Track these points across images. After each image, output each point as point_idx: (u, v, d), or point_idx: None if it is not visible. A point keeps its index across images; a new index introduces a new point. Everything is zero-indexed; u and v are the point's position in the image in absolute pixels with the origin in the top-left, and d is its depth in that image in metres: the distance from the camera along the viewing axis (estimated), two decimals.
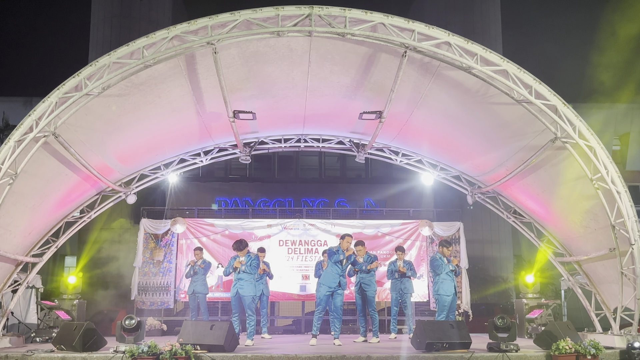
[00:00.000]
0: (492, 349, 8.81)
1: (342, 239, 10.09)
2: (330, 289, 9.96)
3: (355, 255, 10.44)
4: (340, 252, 9.93)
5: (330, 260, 10.03)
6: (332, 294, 10.02)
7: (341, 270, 10.01)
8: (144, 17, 22.57)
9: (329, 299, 10.07)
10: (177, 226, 14.55)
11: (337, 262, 9.93)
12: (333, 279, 9.96)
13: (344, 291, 10.16)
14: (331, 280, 9.97)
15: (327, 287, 9.98)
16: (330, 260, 10.06)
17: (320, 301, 10.10)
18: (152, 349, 7.98)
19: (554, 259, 12.09)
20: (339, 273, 9.98)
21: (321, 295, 10.06)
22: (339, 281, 9.97)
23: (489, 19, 24.08)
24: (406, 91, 10.01)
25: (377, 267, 11.21)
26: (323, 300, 10.04)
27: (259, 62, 9.53)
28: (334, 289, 9.96)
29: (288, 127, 12.74)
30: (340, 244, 10.04)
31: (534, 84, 8.85)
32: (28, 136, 8.61)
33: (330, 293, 9.98)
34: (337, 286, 9.96)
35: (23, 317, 12.39)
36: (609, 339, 9.70)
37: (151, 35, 8.40)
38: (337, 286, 9.97)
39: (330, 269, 10.04)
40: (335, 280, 9.95)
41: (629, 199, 9.24)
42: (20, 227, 10.30)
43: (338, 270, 9.97)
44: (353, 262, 10.46)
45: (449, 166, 13.04)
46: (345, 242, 9.99)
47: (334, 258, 9.94)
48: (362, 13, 8.41)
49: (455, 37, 8.59)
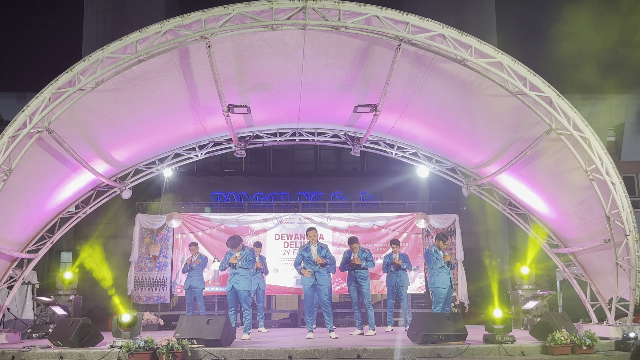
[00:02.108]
0: (488, 341, 8.85)
1: (306, 233, 10.52)
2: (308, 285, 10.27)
3: (326, 250, 10.49)
4: (308, 249, 10.27)
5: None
6: (314, 288, 10.27)
7: (313, 267, 10.22)
8: (137, 11, 22.43)
9: (312, 294, 10.30)
10: (172, 221, 14.54)
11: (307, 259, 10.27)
12: (308, 279, 10.27)
13: (326, 285, 10.26)
14: (306, 280, 10.31)
15: (305, 285, 10.33)
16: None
17: (306, 297, 10.39)
18: (149, 344, 8.00)
19: (549, 250, 12.13)
20: (312, 269, 10.23)
21: (305, 292, 10.41)
22: (315, 278, 10.22)
23: (483, 11, 24.02)
24: (401, 84, 9.99)
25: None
26: (308, 295, 10.34)
27: (253, 56, 9.50)
28: (317, 284, 10.23)
29: (283, 120, 12.71)
30: (308, 239, 10.44)
31: (528, 76, 8.85)
32: (22, 132, 8.58)
33: (310, 287, 10.26)
34: (314, 282, 10.23)
35: (19, 313, 12.39)
36: (604, 329, 9.76)
37: (144, 30, 8.36)
38: (315, 281, 10.22)
39: (305, 266, 10.34)
40: (311, 279, 10.25)
41: (623, 189, 9.28)
42: (15, 223, 10.27)
43: (312, 269, 10.22)
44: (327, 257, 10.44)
45: (444, 159, 13.05)
46: (309, 236, 10.38)
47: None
48: (356, 6, 8.39)
49: (449, 30, 8.58)
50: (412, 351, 8.24)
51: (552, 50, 16.38)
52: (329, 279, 10.46)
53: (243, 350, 8.25)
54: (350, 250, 11.14)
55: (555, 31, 14.56)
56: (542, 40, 19.92)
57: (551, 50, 16.66)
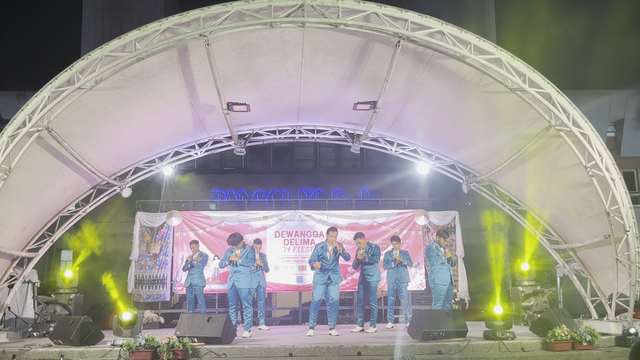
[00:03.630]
0: (488, 337, 8.85)
1: (327, 233, 10.44)
2: (322, 283, 10.21)
3: (340, 250, 10.38)
4: (324, 248, 10.23)
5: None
6: (326, 287, 10.22)
7: (328, 264, 10.17)
8: (136, 9, 22.41)
9: (322, 292, 10.28)
10: (172, 219, 14.54)
11: (322, 257, 10.20)
12: (321, 275, 10.23)
13: (337, 284, 10.28)
14: (319, 277, 10.26)
15: (318, 283, 10.27)
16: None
17: (316, 295, 10.30)
18: (150, 342, 8.01)
19: (549, 247, 12.13)
20: (327, 268, 10.19)
21: (316, 289, 10.31)
22: (328, 276, 10.19)
23: (483, 7, 23.99)
24: (400, 81, 9.99)
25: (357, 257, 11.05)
26: (318, 293, 10.26)
27: (252, 54, 9.49)
28: (329, 282, 10.19)
29: (282, 118, 12.71)
30: (327, 239, 10.35)
31: (527, 72, 8.84)
32: (21, 131, 8.58)
33: (324, 287, 10.22)
34: (327, 280, 10.19)
35: (20, 312, 12.38)
36: (604, 325, 9.76)
37: (143, 28, 8.35)
38: (327, 280, 10.19)
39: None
40: (324, 277, 10.21)
41: (623, 185, 9.28)
42: (15, 222, 10.28)
43: (326, 265, 10.18)
44: (343, 255, 10.45)
45: (444, 155, 13.04)
46: (330, 237, 10.30)
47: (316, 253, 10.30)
48: (355, 3, 8.38)
49: (448, 26, 8.57)
50: (412, 348, 8.25)
51: (551, 45, 16.37)
52: (342, 278, 10.59)
53: (244, 348, 8.25)
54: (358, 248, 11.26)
55: (554, 26, 14.54)
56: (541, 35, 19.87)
57: (550, 45, 16.65)
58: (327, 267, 10.16)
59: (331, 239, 10.27)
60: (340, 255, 10.32)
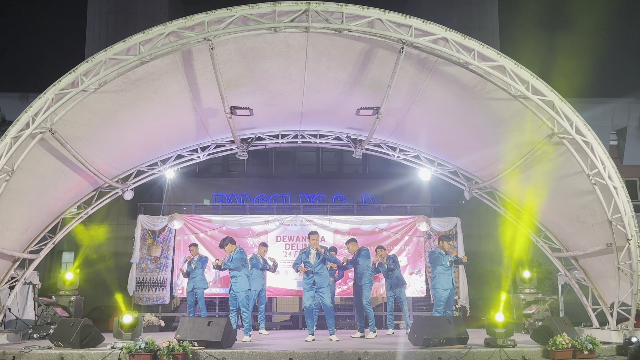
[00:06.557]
0: (489, 344, 8.83)
1: (308, 237, 10.42)
2: (309, 288, 10.14)
3: (327, 253, 10.31)
4: (307, 253, 10.17)
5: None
6: (315, 292, 10.17)
7: (312, 268, 10.11)
8: (141, 13, 22.51)
9: (311, 296, 10.20)
10: (174, 222, 14.54)
11: (306, 262, 10.15)
12: (307, 279, 10.16)
13: (324, 287, 10.16)
14: (305, 281, 10.22)
15: (305, 288, 10.20)
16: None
17: (305, 299, 10.25)
18: (150, 345, 7.99)
19: (551, 254, 12.11)
20: (312, 271, 10.12)
21: (304, 293, 10.29)
22: (313, 280, 10.09)
23: (486, 14, 24.05)
24: (403, 87, 9.99)
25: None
26: (307, 297, 10.20)
27: (256, 58, 9.50)
28: (315, 287, 10.11)
29: (285, 122, 12.72)
30: (309, 243, 10.34)
31: (531, 80, 8.84)
32: (24, 132, 8.60)
33: (312, 292, 10.15)
34: (312, 285, 10.10)
35: (20, 314, 12.39)
36: (605, 334, 9.73)
37: (147, 31, 8.37)
38: (313, 284, 10.10)
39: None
40: (309, 280, 10.14)
41: (625, 194, 9.27)
42: (17, 224, 10.28)
43: (310, 268, 10.13)
44: (328, 259, 10.34)
45: (446, 162, 13.04)
46: (311, 241, 10.26)
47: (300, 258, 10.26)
48: (359, 9, 8.39)
49: (452, 33, 8.58)
50: (413, 354, 8.23)
51: (555, 53, 16.39)
52: (329, 282, 10.44)
53: (244, 353, 8.24)
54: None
55: (559, 34, 14.55)
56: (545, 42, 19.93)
57: (554, 53, 16.67)
58: (312, 271, 10.09)
59: (313, 243, 10.22)
60: (326, 259, 10.22)
